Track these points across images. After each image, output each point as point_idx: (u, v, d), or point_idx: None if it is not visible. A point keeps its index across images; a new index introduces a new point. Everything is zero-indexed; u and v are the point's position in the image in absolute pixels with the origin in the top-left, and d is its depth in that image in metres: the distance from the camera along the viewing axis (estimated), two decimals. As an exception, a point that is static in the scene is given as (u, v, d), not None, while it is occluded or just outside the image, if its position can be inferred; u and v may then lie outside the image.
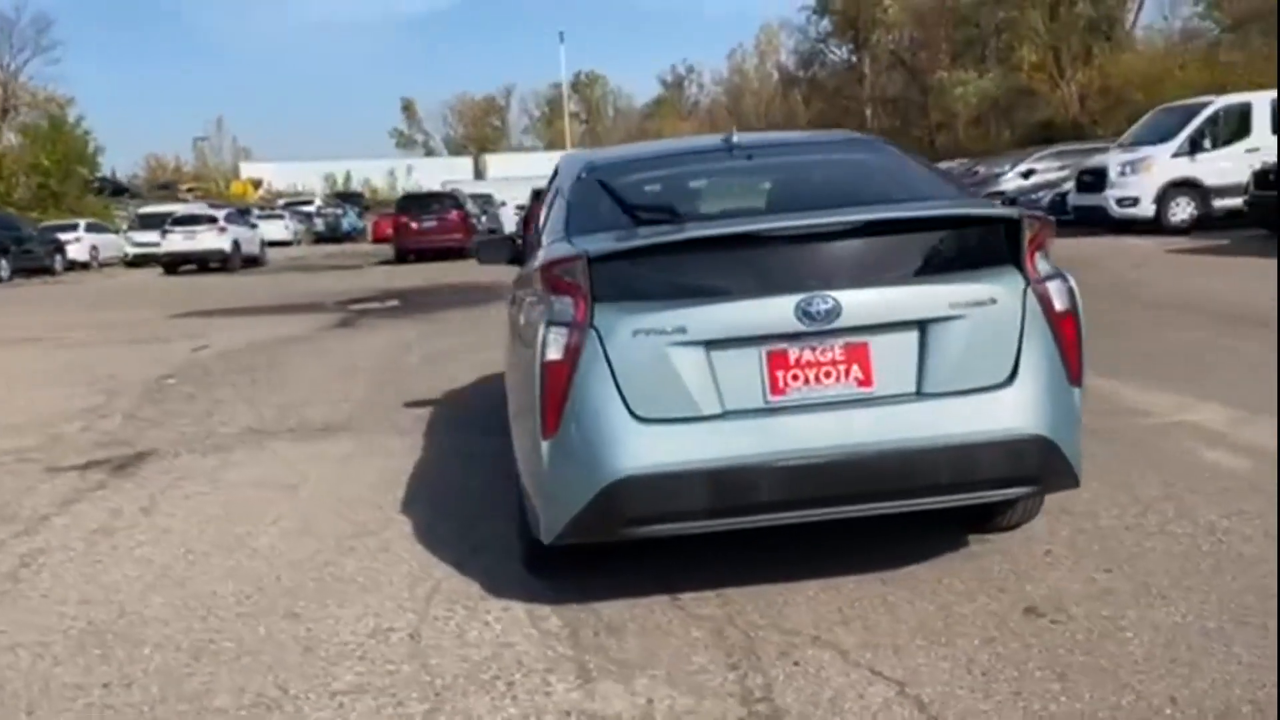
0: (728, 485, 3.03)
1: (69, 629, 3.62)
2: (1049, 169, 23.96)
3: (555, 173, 4.82)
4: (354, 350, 10.15)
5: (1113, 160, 17.29)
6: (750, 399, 3.08)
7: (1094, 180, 17.57)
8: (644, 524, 3.08)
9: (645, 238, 3.16)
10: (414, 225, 25.32)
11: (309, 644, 3.38)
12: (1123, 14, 55.78)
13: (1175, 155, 16.80)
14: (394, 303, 15.22)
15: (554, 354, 3.09)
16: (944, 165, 31.54)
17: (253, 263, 27.08)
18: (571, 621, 3.39)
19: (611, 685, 2.95)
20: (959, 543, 3.81)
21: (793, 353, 3.08)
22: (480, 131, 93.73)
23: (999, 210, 3.49)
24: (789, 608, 3.36)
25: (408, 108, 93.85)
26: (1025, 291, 3.15)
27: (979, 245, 3.21)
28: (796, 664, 2.99)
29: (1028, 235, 3.17)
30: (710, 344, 3.06)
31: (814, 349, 3.09)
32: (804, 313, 3.04)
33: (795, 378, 3.08)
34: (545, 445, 3.14)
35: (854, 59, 71.32)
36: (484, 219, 30.08)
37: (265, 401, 7.63)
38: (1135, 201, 16.84)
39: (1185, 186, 16.69)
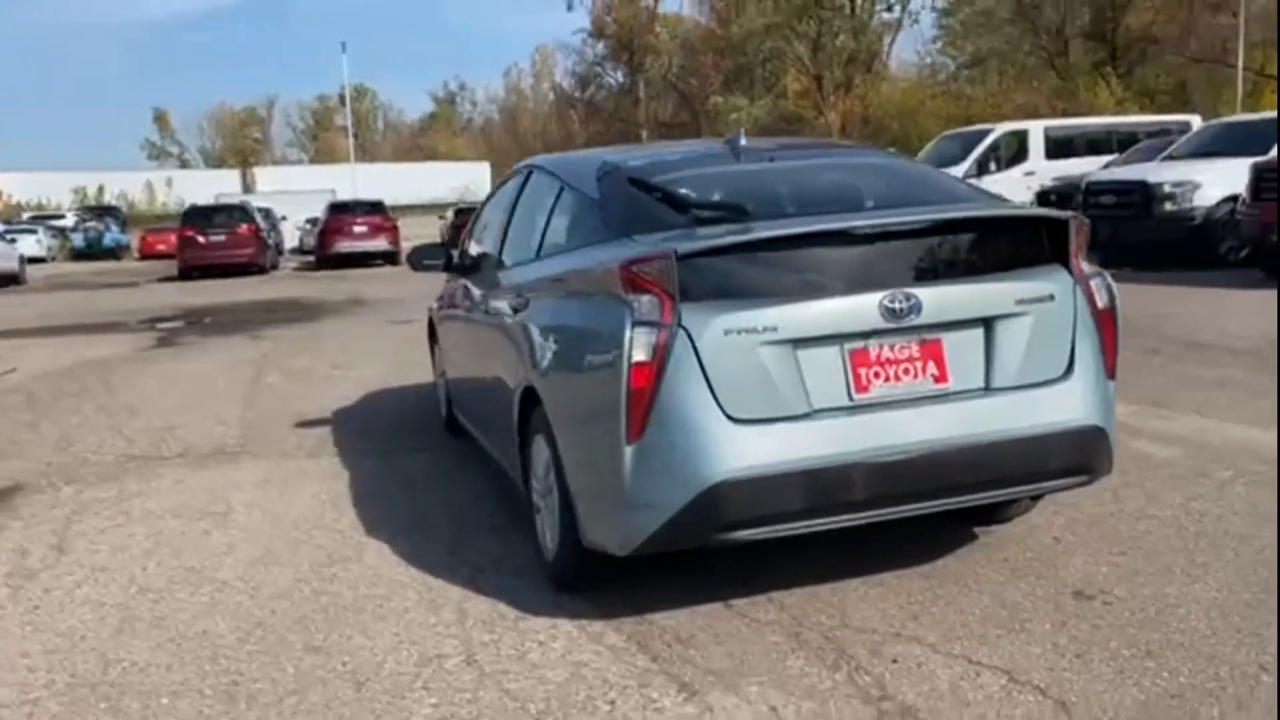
0: (822, 485, 3.01)
1: (53, 684, 3.16)
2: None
3: (526, 179, 4.65)
4: (195, 371, 9.39)
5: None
6: (836, 397, 3.07)
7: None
8: (738, 528, 3.01)
9: (731, 235, 3.09)
10: (201, 240, 23.75)
11: (357, 678, 3.09)
12: (882, 48, 59.86)
13: (965, 177, 18.07)
14: (207, 320, 14.23)
15: (641, 355, 2.97)
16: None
17: (11, 280, 24.59)
18: (634, 635, 3.26)
19: (723, 695, 2.85)
20: (968, 536, 3.93)
21: (873, 350, 3.10)
22: (240, 144, 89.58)
23: (1051, 212, 3.63)
24: (849, 606, 3.37)
25: (160, 118, 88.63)
26: (1075, 288, 3.30)
27: (1032, 245, 3.34)
28: (895, 661, 2.99)
29: (1074, 235, 3.32)
30: (797, 342, 3.03)
31: (893, 346, 3.11)
32: (887, 309, 3.06)
33: (876, 375, 3.10)
34: (629, 450, 3.01)
35: (629, 82, 73.06)
36: (272, 234, 28.63)
37: (127, 426, 6.94)
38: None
39: (974, 207, 17.97)
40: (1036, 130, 18.57)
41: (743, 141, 3.97)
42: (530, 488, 3.87)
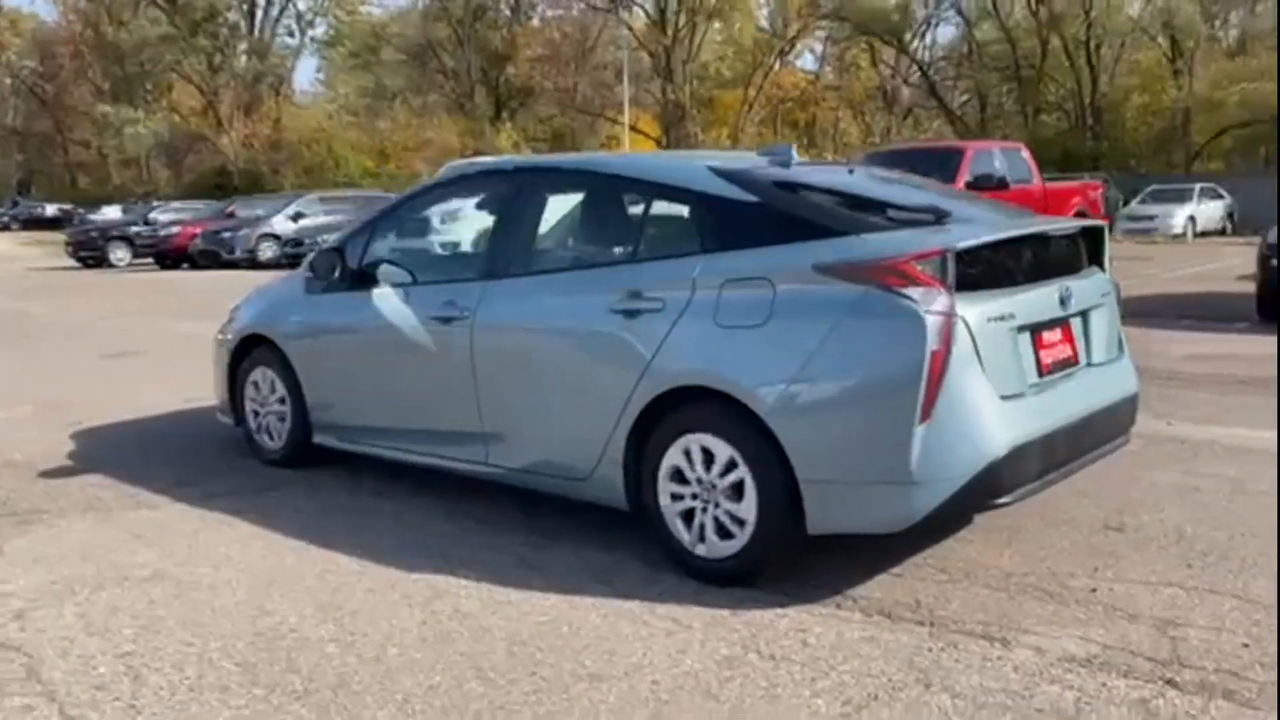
0: (1046, 451, 3.51)
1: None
2: (317, 213, 24.77)
3: (519, 185, 4.44)
4: None
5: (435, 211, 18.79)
6: (1033, 375, 3.59)
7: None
8: (1001, 495, 3.39)
9: (985, 234, 3.46)
10: None
11: (636, 697, 2.94)
12: (287, 71, 58.68)
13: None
14: None
15: (936, 342, 3.23)
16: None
17: None
18: (866, 608, 3.47)
19: (1030, 638, 3.22)
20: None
21: (1046, 334, 3.68)
22: None
23: (1097, 222, 4.42)
24: (942, 602, 3.69)
25: None
26: (1114, 284, 4.19)
27: (1088, 249, 4.15)
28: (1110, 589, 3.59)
29: (1109, 242, 4.21)
30: (1020, 328, 3.52)
31: (1053, 330, 3.73)
32: (1061, 299, 3.68)
33: (1048, 355, 3.68)
34: (920, 431, 3.25)
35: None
36: None
37: None
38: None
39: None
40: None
41: (795, 157, 4.26)
42: (656, 490, 3.81)
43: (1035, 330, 3.62)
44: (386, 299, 4.76)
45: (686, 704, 2.88)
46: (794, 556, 3.69)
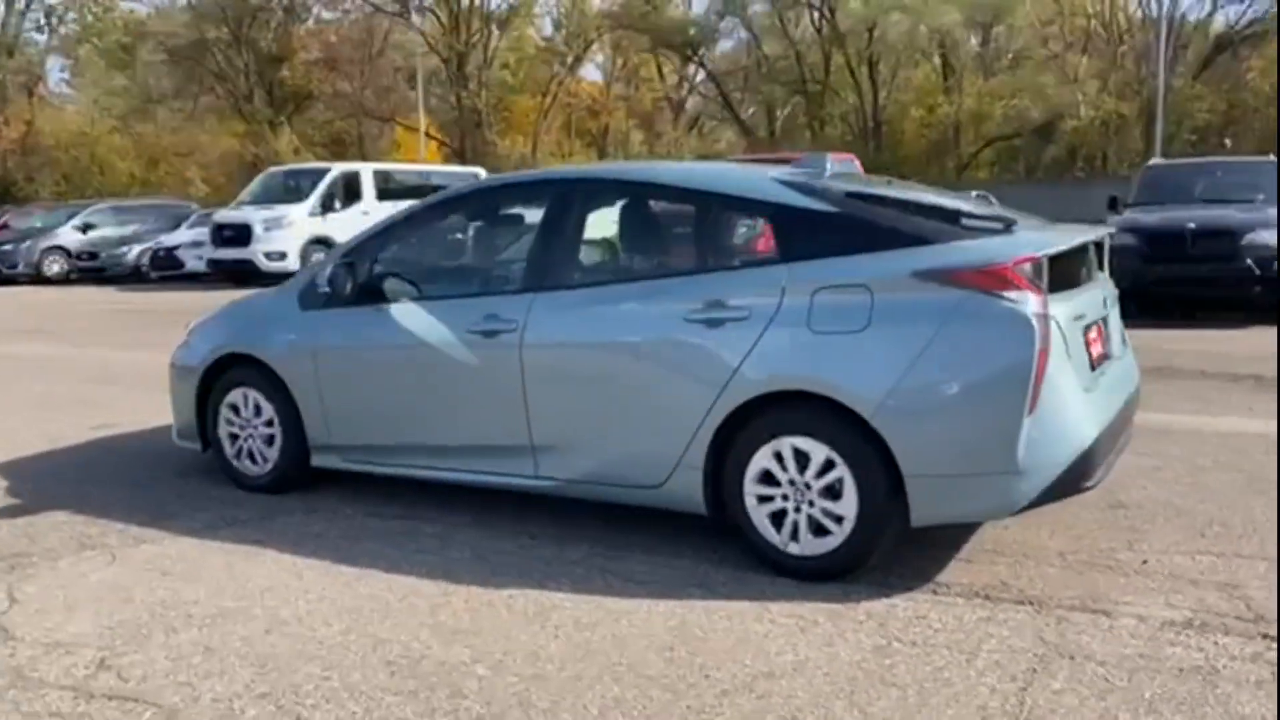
0: (1110, 438, 3.88)
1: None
2: (109, 223, 23.15)
3: (563, 198, 4.44)
4: None
5: (255, 217, 17.97)
6: (1090, 370, 3.95)
7: (236, 235, 18.00)
8: (1089, 480, 3.71)
9: (1057, 241, 3.77)
10: None
11: (824, 689, 3.10)
12: (42, 72, 54.18)
13: (311, 214, 18.28)
14: None
15: (1041, 340, 3.52)
16: None
17: None
18: (966, 593, 3.72)
19: (1132, 604, 3.57)
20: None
21: (1092, 331, 4.06)
22: None
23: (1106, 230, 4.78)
24: (1025, 583, 4.06)
25: None
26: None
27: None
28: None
29: (1108, 248, 4.65)
30: (1087, 326, 3.87)
31: (1094, 328, 4.10)
32: (1103, 299, 4.06)
33: (1095, 350, 4.06)
34: (1027, 423, 3.53)
35: None
36: None
37: None
38: (283, 255, 17.84)
39: (321, 243, 18.28)
40: (367, 172, 19.50)
41: (829, 169, 4.46)
42: (742, 493, 3.93)
43: (1087, 328, 3.99)
44: (410, 314, 4.65)
45: (875, 692, 3.03)
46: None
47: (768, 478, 3.88)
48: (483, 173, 22.65)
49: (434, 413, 4.61)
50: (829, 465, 3.75)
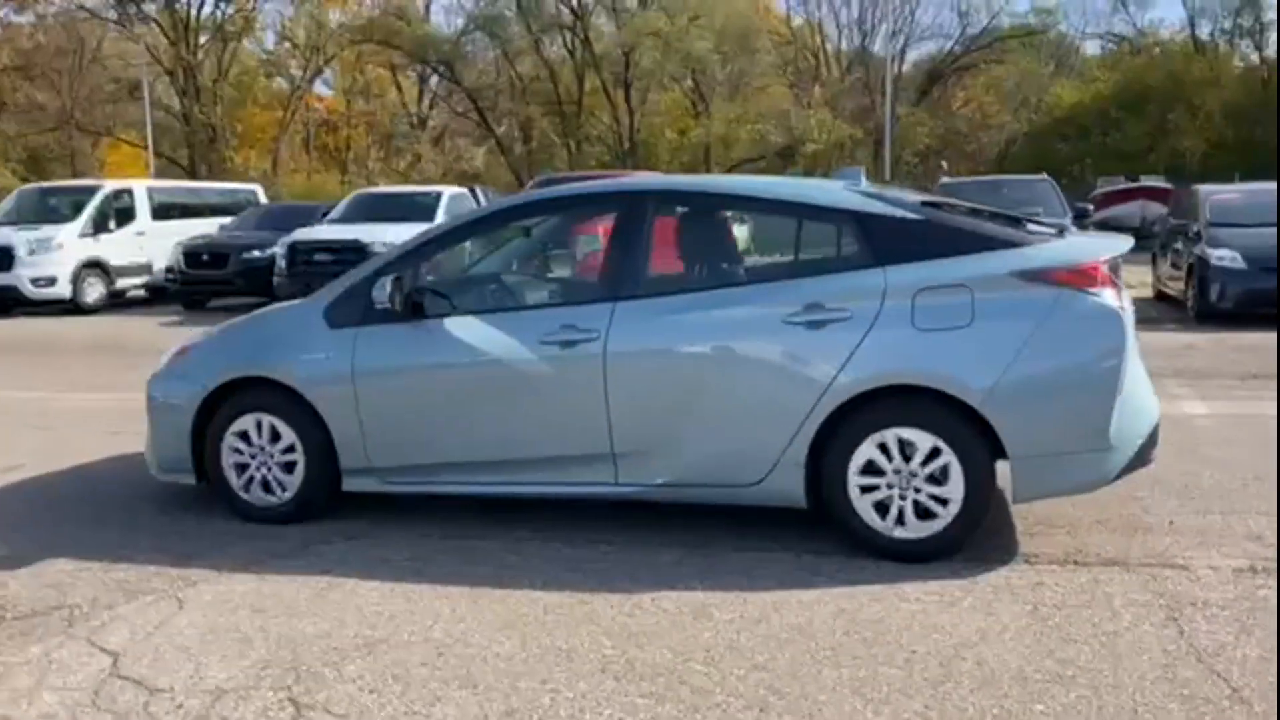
0: None
1: None
2: None
3: (635, 209, 4.54)
4: None
5: (17, 239, 16.21)
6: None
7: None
8: (1152, 453, 4.22)
9: (1117, 244, 4.25)
10: None
11: (1022, 660, 3.45)
12: None
13: (82, 235, 16.75)
14: None
15: (1129, 332, 4.02)
16: None
17: None
18: (1059, 558, 4.16)
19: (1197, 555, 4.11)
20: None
21: (1132, 322, 4.61)
22: None
23: None
24: (1094, 547, 4.63)
25: None
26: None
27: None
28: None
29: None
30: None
31: (1131, 319, 4.66)
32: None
33: (1135, 340, 4.60)
34: (1117, 403, 4.00)
35: None
36: None
37: None
38: (53, 281, 16.23)
39: (94, 266, 16.80)
40: (141, 191, 18.06)
41: (864, 182, 4.82)
42: (845, 485, 4.18)
43: (1130, 318, 4.53)
44: (469, 328, 4.58)
45: (1067, 648, 3.36)
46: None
47: (871, 468, 4.14)
48: (260, 190, 21.64)
49: (500, 426, 4.55)
50: (934, 453, 4.07)
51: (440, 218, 15.50)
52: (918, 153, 36.64)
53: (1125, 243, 4.33)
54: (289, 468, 4.84)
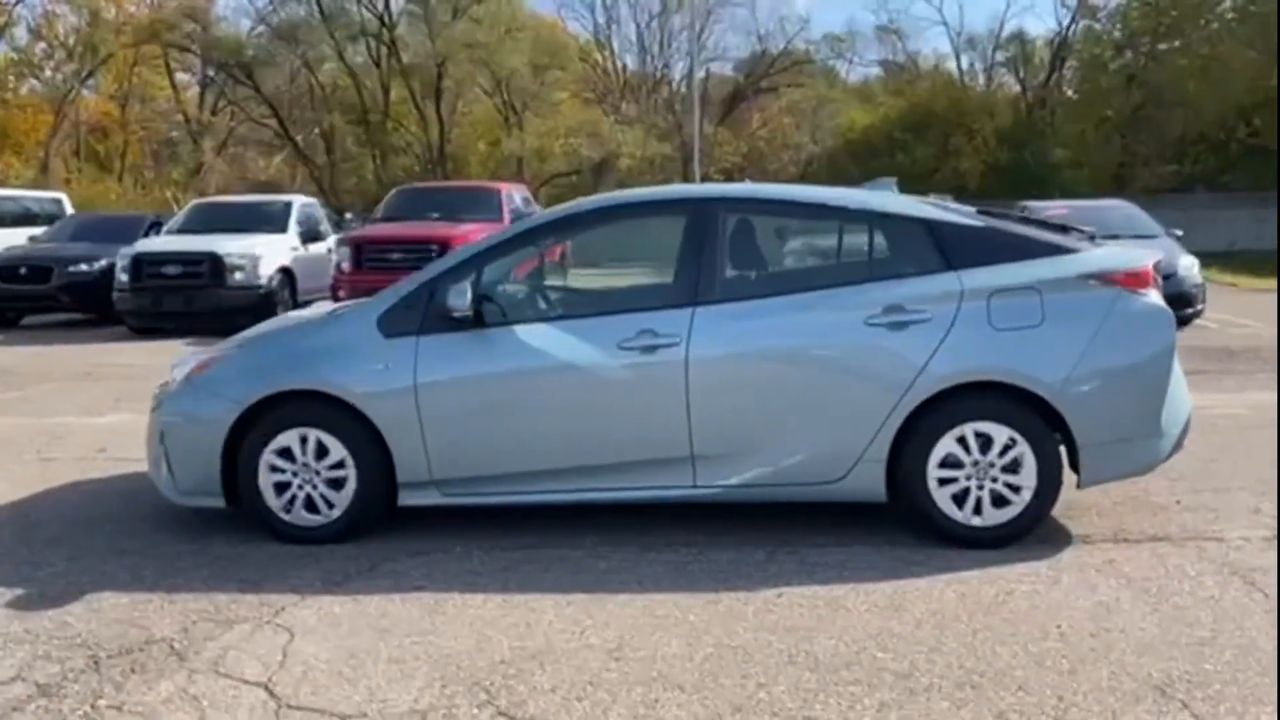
0: None
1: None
2: None
3: (708, 216, 4.62)
4: None
5: None
6: None
7: None
8: (1185, 438, 4.65)
9: (1150, 252, 4.66)
10: None
11: (1155, 628, 3.80)
12: None
13: None
14: None
15: (1174, 327, 4.44)
16: None
17: None
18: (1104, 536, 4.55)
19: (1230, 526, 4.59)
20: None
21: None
22: None
23: None
24: (1131, 525, 5.07)
25: None
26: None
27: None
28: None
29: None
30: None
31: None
32: None
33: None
34: (1169, 392, 4.42)
35: None
36: None
37: None
38: None
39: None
40: None
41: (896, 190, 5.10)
42: (925, 478, 4.42)
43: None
44: (540, 334, 4.54)
45: (1187, 615, 3.70)
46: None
47: (950, 461, 4.39)
48: (65, 197, 20.04)
49: (576, 433, 4.53)
50: (1010, 444, 4.36)
51: (292, 228, 14.87)
52: (722, 170, 37.88)
53: (1157, 252, 4.78)
54: (337, 484, 4.62)
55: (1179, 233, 13.34)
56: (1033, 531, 4.47)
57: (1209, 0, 35.08)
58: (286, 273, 14.20)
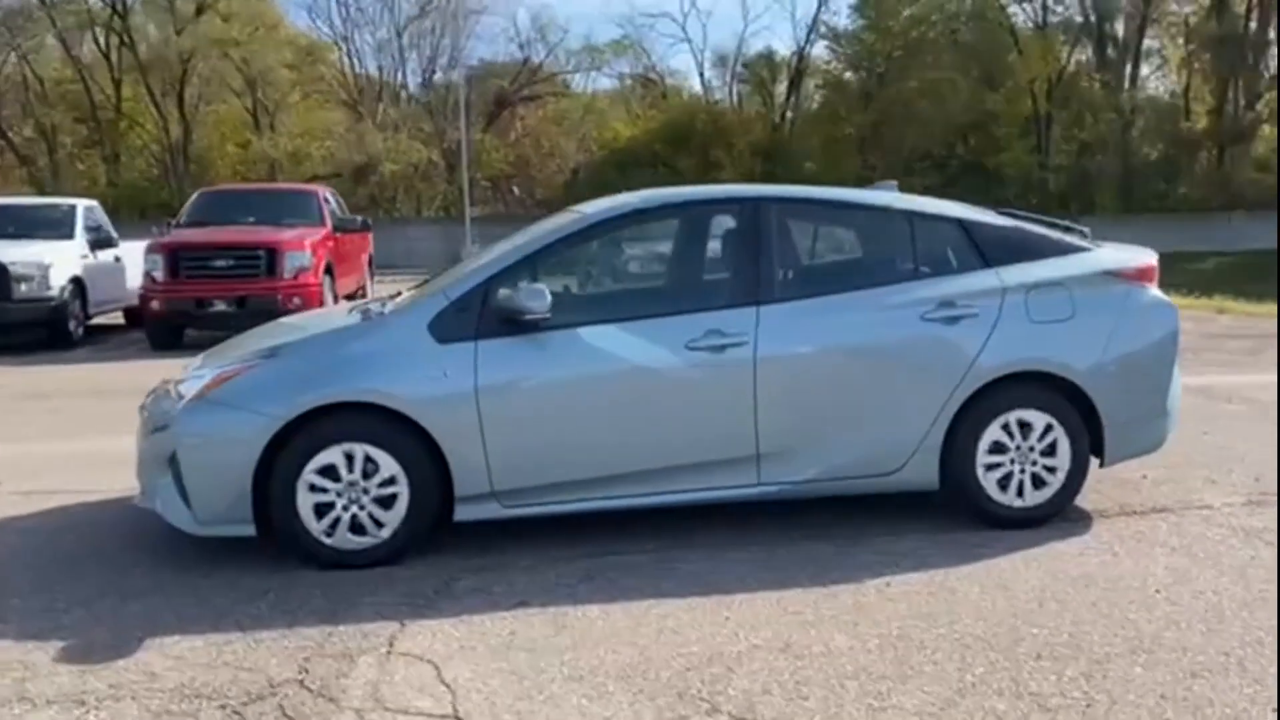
0: None
1: None
2: None
3: (757, 216, 4.66)
4: None
5: None
6: None
7: None
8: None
9: (1141, 249, 5.09)
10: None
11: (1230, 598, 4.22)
12: None
13: None
14: None
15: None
16: None
17: None
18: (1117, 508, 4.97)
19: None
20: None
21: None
22: None
23: None
24: (1128, 500, 5.51)
25: None
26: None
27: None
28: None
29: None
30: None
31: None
32: None
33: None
34: (1174, 376, 4.89)
35: None
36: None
37: None
38: None
39: None
40: None
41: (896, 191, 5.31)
42: (974, 464, 4.66)
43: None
44: (605, 335, 4.43)
45: (1248, 578, 4.10)
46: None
47: (998, 447, 4.66)
48: None
49: (643, 436, 4.44)
50: (1047, 429, 4.68)
51: (80, 233, 13.43)
52: (490, 177, 37.61)
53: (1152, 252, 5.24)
54: (386, 502, 4.30)
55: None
56: (1063, 510, 4.80)
57: (941, 24, 38.48)
58: (78, 283, 12.85)
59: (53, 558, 4.51)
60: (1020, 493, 4.70)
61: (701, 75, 43.64)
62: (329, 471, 4.25)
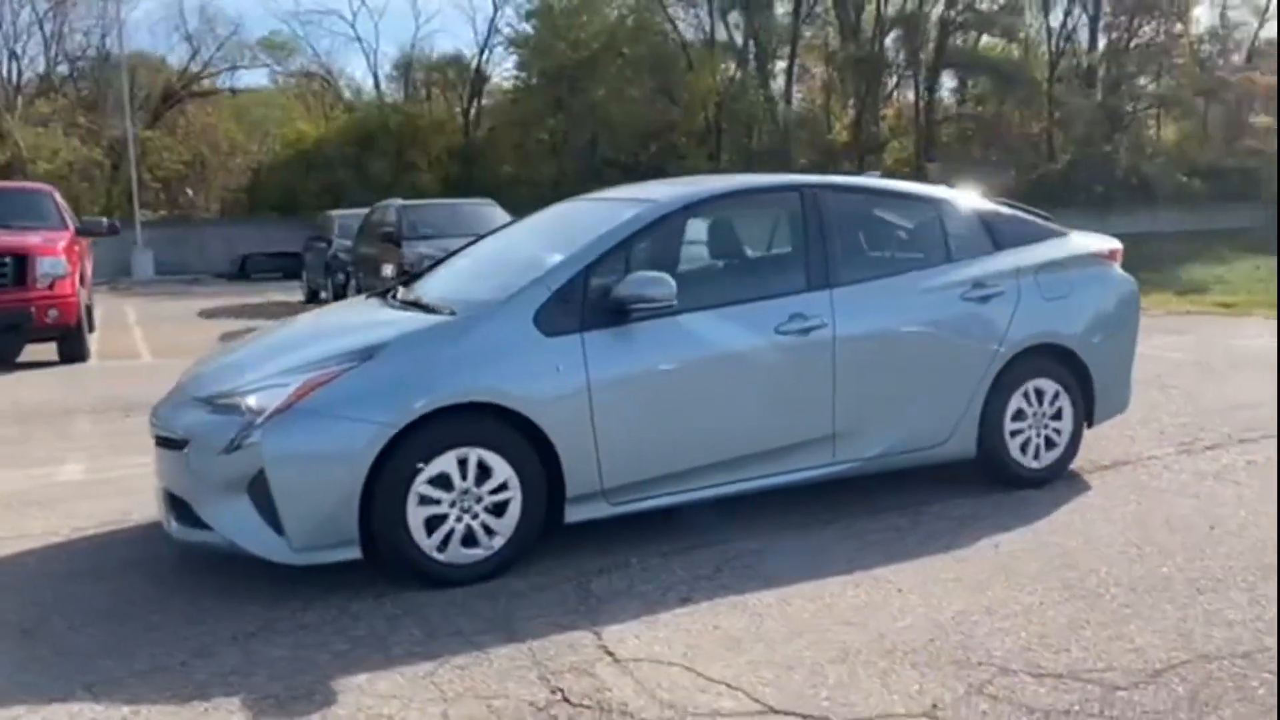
0: None
1: None
2: None
3: (806, 203, 4.77)
4: None
5: None
6: None
7: None
8: None
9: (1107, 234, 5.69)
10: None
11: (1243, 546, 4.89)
12: None
13: None
14: None
15: (1134, 291, 5.58)
16: None
17: None
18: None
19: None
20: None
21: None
22: None
23: None
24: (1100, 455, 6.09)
25: None
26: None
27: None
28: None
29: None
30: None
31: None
32: None
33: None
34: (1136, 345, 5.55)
35: None
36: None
37: None
38: None
39: None
40: None
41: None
42: (1003, 430, 5.06)
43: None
44: (702, 323, 4.40)
45: (1258, 509, 4.76)
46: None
47: (1018, 415, 5.09)
48: None
49: (739, 422, 4.44)
50: (1056, 395, 5.18)
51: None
52: (162, 178, 34.48)
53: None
54: (498, 510, 4.01)
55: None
56: (1066, 470, 5.31)
57: (616, 39, 39.82)
58: None
59: (104, 606, 3.78)
60: (1036, 455, 5.14)
61: (375, 75, 42.41)
62: (441, 481, 3.89)
